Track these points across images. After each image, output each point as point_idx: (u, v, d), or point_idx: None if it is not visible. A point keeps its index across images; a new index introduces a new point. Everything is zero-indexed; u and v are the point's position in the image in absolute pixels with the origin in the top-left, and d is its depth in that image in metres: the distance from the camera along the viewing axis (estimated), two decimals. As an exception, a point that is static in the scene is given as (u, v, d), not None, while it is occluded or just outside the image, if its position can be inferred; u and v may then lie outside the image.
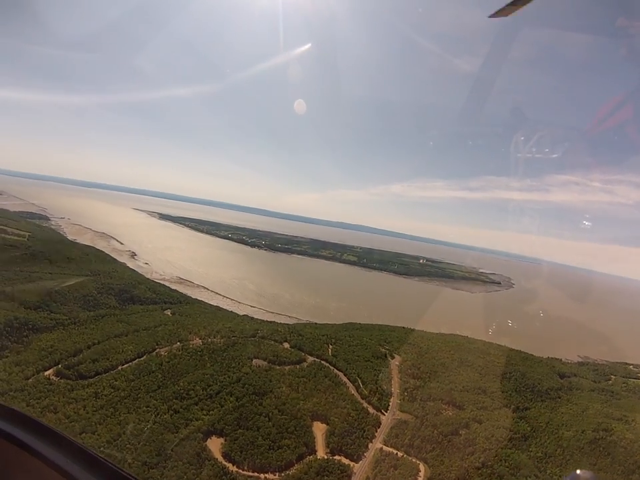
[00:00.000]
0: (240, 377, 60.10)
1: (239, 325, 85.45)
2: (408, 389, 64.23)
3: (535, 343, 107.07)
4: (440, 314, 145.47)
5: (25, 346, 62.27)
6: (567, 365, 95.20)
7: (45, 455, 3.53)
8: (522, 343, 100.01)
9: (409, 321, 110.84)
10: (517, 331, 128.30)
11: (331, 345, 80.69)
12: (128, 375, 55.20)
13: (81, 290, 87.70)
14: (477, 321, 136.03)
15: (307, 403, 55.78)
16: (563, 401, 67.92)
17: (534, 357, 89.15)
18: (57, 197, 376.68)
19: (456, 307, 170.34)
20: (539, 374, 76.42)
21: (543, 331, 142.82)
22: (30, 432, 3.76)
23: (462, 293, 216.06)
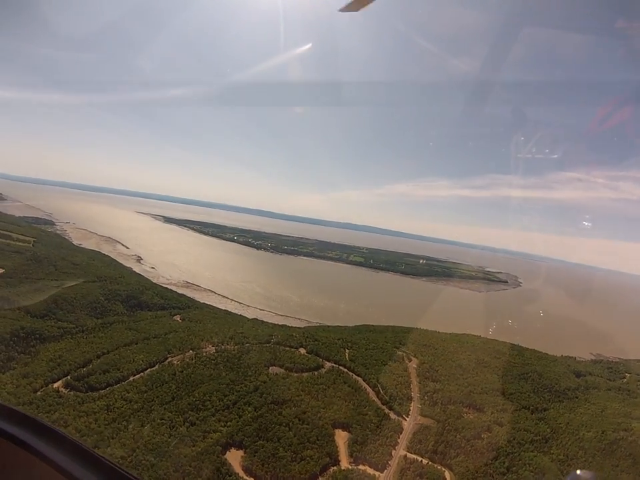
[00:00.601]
0: (257, 385, 57.64)
1: (252, 331, 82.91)
2: (428, 393, 63.01)
3: (547, 342, 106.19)
4: (450, 314, 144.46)
5: (32, 356, 60.01)
6: (581, 363, 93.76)
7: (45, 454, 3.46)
8: (534, 342, 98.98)
9: (420, 322, 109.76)
10: (528, 330, 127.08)
11: (347, 350, 78.95)
12: (140, 386, 52.70)
13: (88, 297, 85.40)
14: (487, 320, 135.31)
15: (327, 411, 54.06)
16: (581, 400, 66.88)
17: (548, 356, 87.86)
18: (61, 202, 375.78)
19: (465, 307, 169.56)
20: (555, 373, 75.37)
21: (553, 329, 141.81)
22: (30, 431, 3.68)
23: (470, 293, 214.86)
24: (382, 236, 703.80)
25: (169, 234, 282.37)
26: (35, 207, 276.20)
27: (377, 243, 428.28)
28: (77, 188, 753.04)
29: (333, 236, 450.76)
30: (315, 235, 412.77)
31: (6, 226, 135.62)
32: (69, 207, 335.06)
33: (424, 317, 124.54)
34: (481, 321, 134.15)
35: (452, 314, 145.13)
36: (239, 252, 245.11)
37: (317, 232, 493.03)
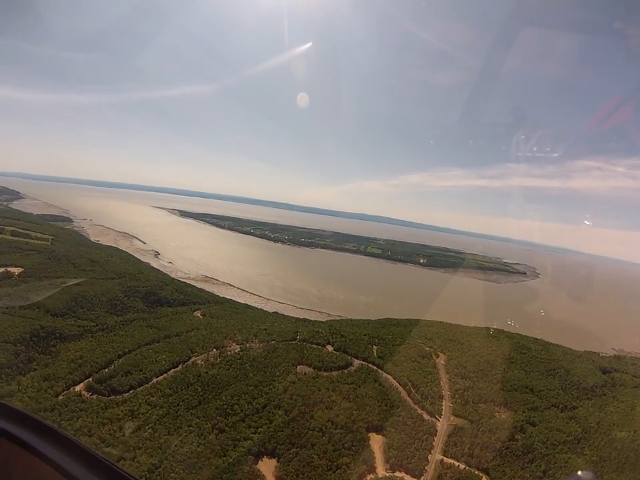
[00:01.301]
0: (286, 386, 54.45)
1: (275, 327, 79.73)
2: (458, 391, 60.98)
3: (568, 335, 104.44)
4: (470, 306, 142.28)
5: (52, 357, 57.87)
6: (605, 358, 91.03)
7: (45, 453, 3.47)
8: (555, 335, 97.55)
9: (442, 315, 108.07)
10: (548, 323, 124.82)
11: (375, 346, 75.80)
12: (164, 389, 49.81)
13: (107, 294, 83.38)
14: (507, 313, 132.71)
15: (360, 413, 51.42)
16: (609, 398, 64.90)
17: (573, 351, 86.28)
18: (78, 199, 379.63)
19: (485, 299, 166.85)
20: (581, 369, 73.73)
21: (572, 322, 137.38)
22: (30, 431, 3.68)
23: (489, 284, 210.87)
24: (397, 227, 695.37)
25: (185, 228, 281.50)
26: (53, 205, 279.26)
27: (392, 234, 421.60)
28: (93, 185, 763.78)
29: (348, 227, 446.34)
30: (331, 227, 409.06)
31: (25, 224, 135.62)
32: (86, 203, 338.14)
33: (445, 310, 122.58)
34: (502, 313, 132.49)
35: (472, 306, 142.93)
36: (256, 245, 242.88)
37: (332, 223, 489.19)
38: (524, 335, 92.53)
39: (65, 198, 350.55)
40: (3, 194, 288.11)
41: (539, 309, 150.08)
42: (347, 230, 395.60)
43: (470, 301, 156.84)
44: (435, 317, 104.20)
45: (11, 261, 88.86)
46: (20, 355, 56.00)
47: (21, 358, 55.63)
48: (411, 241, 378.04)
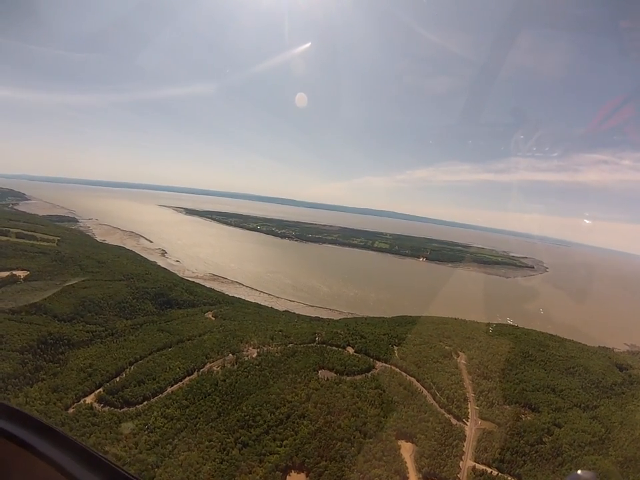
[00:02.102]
0: (309, 393, 51.17)
1: (291, 328, 76.51)
2: (483, 392, 59.33)
3: (580, 331, 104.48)
4: (481, 302, 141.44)
5: (61, 365, 54.89)
6: (620, 355, 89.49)
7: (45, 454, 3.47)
8: (568, 331, 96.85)
9: (454, 311, 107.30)
10: (560, 318, 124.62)
11: (395, 346, 73.10)
12: (180, 400, 46.53)
13: (115, 296, 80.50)
14: (519, 308, 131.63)
15: (388, 420, 49.08)
16: (628, 396, 63.36)
17: (589, 348, 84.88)
18: (83, 199, 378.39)
19: (494, 294, 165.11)
20: (599, 367, 72.23)
21: (583, 317, 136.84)
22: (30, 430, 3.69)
23: (497, 279, 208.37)
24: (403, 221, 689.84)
25: (192, 226, 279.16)
26: (58, 205, 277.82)
27: (399, 229, 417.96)
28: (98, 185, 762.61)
29: (355, 222, 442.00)
30: (338, 222, 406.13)
31: (30, 226, 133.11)
32: (91, 203, 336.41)
33: (457, 306, 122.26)
34: (513, 308, 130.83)
35: (483, 302, 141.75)
36: (263, 242, 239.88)
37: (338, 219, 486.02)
38: (539, 332, 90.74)
39: (71, 198, 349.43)
40: (8, 196, 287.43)
41: (548, 304, 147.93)
42: (353, 225, 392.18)
43: (480, 296, 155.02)
44: (447, 313, 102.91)
45: (17, 264, 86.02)
46: (27, 364, 53.06)
47: (28, 367, 52.69)
48: (418, 235, 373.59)
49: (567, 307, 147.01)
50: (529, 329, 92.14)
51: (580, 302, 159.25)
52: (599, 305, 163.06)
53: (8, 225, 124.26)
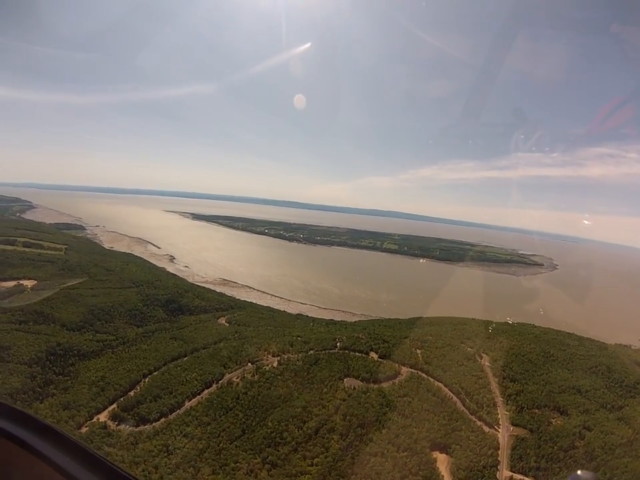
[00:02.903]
0: (337, 405, 47.96)
1: (309, 333, 73.24)
2: (510, 396, 57.40)
3: (594, 328, 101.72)
4: (494, 301, 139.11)
5: (71, 378, 51.79)
6: (638, 352, 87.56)
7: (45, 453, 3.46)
8: (583, 329, 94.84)
9: (468, 311, 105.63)
10: (573, 315, 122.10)
11: (418, 350, 70.37)
12: (200, 416, 43.09)
13: (125, 304, 77.47)
14: (531, 307, 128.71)
15: (421, 431, 46.12)
16: None
17: (607, 346, 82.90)
18: (89, 206, 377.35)
19: (506, 292, 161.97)
20: (620, 365, 70.65)
21: (596, 314, 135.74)
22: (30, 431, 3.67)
23: (507, 277, 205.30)
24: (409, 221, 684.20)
25: (199, 231, 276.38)
26: (65, 213, 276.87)
27: (406, 229, 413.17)
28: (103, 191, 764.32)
29: (362, 223, 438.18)
30: (345, 224, 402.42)
31: (37, 235, 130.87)
32: (98, 210, 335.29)
33: (471, 306, 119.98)
34: (526, 307, 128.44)
35: (496, 301, 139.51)
36: (271, 245, 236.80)
37: (345, 220, 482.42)
38: (557, 330, 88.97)
39: (77, 206, 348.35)
40: (15, 204, 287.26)
41: (560, 300, 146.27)
42: (360, 226, 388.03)
43: (492, 295, 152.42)
44: (462, 314, 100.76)
45: (24, 273, 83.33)
46: (36, 378, 50.07)
47: (38, 381, 49.73)
48: (426, 235, 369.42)
49: (579, 304, 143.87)
50: (546, 328, 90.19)
51: (591, 299, 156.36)
52: (610, 301, 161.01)
53: (15, 234, 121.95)
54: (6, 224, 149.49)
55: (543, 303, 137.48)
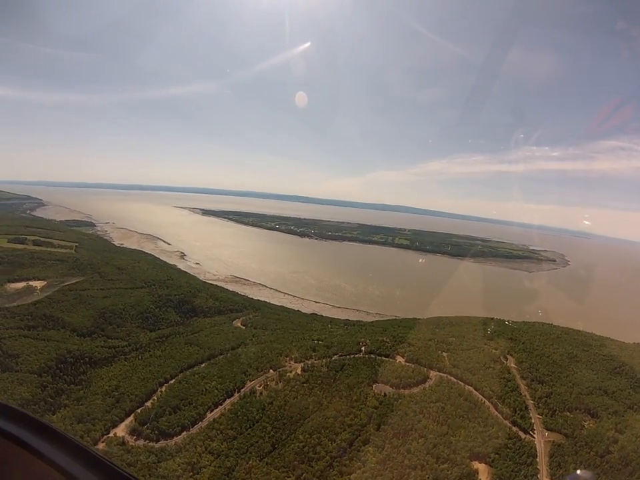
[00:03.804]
0: (369, 413, 44.79)
1: (331, 337, 69.93)
2: (541, 399, 55.62)
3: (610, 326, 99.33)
4: (510, 298, 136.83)
5: (84, 387, 48.94)
6: None
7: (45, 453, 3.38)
8: (602, 327, 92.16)
9: (485, 309, 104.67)
10: (590, 313, 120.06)
11: (444, 352, 67.77)
12: (225, 429, 39.72)
13: (137, 306, 74.60)
14: (547, 304, 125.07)
15: (458, 439, 43.87)
16: None
17: (627, 345, 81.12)
18: (99, 203, 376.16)
19: (520, 289, 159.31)
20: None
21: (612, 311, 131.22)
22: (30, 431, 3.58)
23: (520, 273, 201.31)
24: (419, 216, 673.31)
25: (209, 227, 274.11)
26: (75, 210, 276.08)
27: (416, 224, 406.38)
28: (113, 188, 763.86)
29: (373, 218, 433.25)
30: (355, 219, 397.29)
31: (47, 233, 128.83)
32: (106, 206, 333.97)
33: (488, 303, 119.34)
34: (542, 305, 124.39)
35: (512, 298, 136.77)
36: (282, 241, 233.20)
37: (355, 215, 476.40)
38: (576, 330, 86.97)
39: (86, 202, 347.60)
40: (26, 202, 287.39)
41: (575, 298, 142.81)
42: (371, 221, 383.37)
43: (507, 292, 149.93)
44: (479, 312, 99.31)
45: (33, 273, 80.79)
46: (47, 388, 47.29)
47: (48, 391, 46.95)
48: (437, 231, 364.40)
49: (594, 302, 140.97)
50: (566, 327, 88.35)
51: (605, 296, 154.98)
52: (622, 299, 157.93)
53: (25, 232, 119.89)
54: (17, 222, 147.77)
55: (559, 301, 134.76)
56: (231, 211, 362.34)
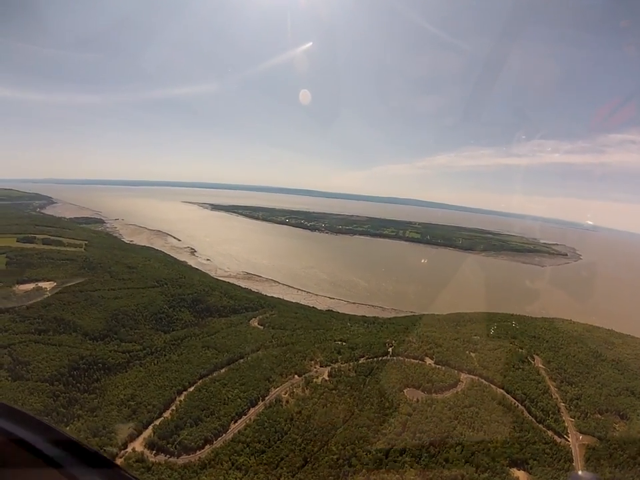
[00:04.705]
0: (404, 421, 41.98)
1: (354, 337, 66.74)
2: (572, 401, 54.85)
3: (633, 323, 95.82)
4: (523, 293, 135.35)
5: (97, 396, 46.16)
6: None
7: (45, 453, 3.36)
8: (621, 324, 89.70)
9: (503, 305, 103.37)
10: (605, 309, 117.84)
11: (472, 353, 65.98)
12: (252, 442, 36.57)
13: (150, 307, 71.85)
14: (563, 300, 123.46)
15: (496, 446, 42.41)
16: None
17: None
18: (107, 199, 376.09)
19: (534, 284, 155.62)
20: None
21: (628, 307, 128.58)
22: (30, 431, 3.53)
23: (533, 267, 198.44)
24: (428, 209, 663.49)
25: (219, 221, 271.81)
26: (84, 207, 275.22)
27: (426, 217, 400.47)
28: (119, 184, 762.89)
29: (382, 212, 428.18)
30: (364, 212, 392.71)
31: (57, 231, 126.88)
32: (115, 203, 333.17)
33: (503, 298, 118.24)
34: (558, 300, 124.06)
35: (528, 294, 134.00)
36: (293, 235, 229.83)
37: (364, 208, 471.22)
38: (595, 326, 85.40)
39: (95, 199, 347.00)
40: (35, 200, 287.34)
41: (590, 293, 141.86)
42: (381, 215, 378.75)
43: (522, 287, 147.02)
44: (496, 308, 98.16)
45: (43, 274, 78.26)
46: (59, 397, 44.64)
47: (61, 401, 44.30)
48: (446, 224, 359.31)
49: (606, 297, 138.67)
50: (586, 324, 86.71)
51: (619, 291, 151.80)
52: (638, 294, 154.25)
53: (34, 231, 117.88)
54: (26, 220, 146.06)
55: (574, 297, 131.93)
56: (240, 206, 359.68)
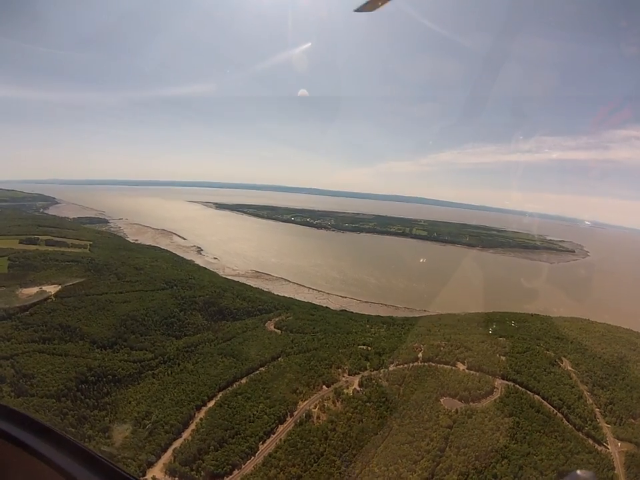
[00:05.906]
0: (445, 435, 38.71)
1: (379, 340, 63.17)
2: (607, 406, 53.42)
3: None
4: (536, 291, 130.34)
5: (109, 413, 42.28)
6: None
7: (45, 454, 3.42)
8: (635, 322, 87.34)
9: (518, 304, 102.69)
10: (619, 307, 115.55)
11: (503, 357, 62.87)
12: (286, 466, 32.54)
13: (160, 311, 68.00)
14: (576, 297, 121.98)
15: (542, 458, 40.44)
16: None
17: None
18: (110, 198, 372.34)
19: (545, 282, 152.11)
20: None
21: None
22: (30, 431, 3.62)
23: (542, 265, 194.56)
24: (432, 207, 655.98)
25: (224, 220, 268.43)
26: (88, 207, 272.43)
27: (431, 215, 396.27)
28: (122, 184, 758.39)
29: (387, 209, 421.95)
30: (369, 210, 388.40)
31: (60, 231, 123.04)
32: (119, 202, 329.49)
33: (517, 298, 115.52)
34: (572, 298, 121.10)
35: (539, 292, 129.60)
36: (299, 233, 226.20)
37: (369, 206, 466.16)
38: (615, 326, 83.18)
39: (99, 199, 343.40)
40: (38, 200, 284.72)
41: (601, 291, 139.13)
42: (386, 212, 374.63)
43: (533, 285, 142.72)
44: (513, 307, 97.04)
45: (47, 277, 74.35)
46: (67, 415, 40.77)
47: (69, 419, 40.45)
48: (452, 221, 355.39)
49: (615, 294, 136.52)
50: (604, 324, 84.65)
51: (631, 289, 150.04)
52: None
53: (37, 232, 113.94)
54: (28, 221, 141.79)
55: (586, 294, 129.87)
56: (245, 204, 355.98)
